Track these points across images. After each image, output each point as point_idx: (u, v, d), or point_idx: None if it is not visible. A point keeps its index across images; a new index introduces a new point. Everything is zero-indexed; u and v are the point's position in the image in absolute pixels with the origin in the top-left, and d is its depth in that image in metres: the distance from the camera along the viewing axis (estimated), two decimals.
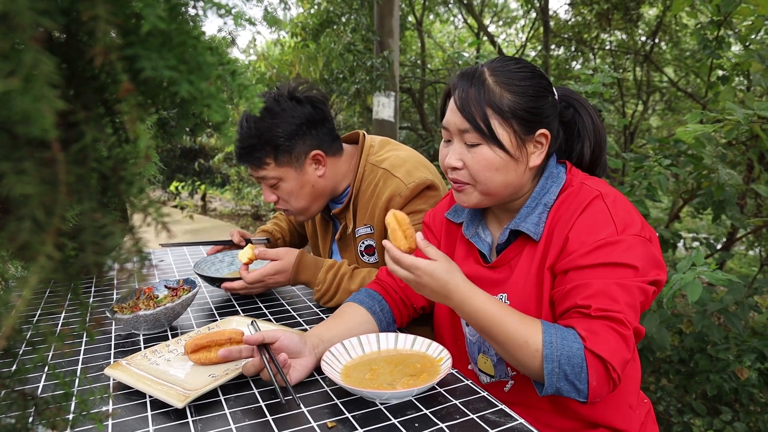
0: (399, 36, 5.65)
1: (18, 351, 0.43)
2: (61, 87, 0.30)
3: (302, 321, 1.25)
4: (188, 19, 0.38)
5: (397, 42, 5.29)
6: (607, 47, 6.99)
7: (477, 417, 0.82)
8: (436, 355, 0.97)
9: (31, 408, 0.44)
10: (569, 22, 6.94)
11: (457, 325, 1.11)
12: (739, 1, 2.13)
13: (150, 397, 0.89)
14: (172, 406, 0.85)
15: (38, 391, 0.92)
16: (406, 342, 1.02)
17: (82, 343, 1.12)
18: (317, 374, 0.97)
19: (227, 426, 0.80)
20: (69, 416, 0.47)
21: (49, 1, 0.31)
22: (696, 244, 2.86)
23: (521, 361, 0.85)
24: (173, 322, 1.22)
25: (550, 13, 7.04)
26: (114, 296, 1.45)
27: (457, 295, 0.88)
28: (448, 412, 0.83)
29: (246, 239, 1.65)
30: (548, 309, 0.94)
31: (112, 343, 1.13)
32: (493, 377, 1.06)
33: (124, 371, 0.93)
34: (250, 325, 1.04)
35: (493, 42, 7.86)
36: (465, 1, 7.49)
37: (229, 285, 1.35)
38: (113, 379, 0.93)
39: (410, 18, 8.18)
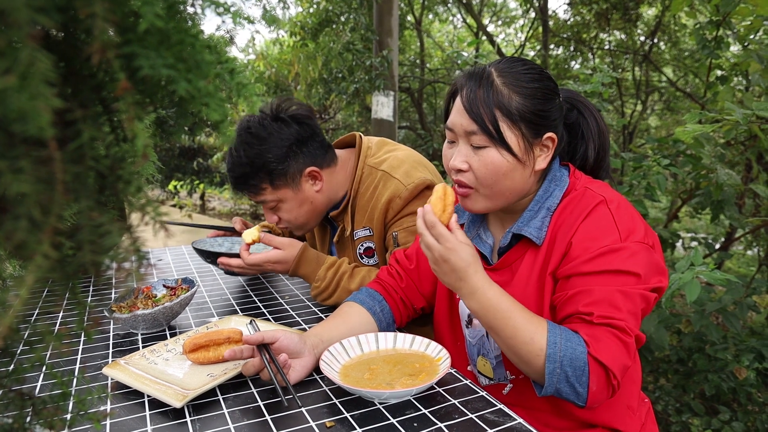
0: (398, 35, 5.65)
1: (15, 350, 0.43)
2: (58, 85, 0.30)
3: (301, 320, 1.25)
4: (186, 17, 0.38)
5: (396, 41, 5.29)
6: (606, 47, 6.99)
7: (476, 417, 0.81)
8: (435, 354, 0.97)
9: (29, 407, 0.44)
10: (568, 22, 6.94)
11: (457, 327, 1.11)
12: (737, 1, 2.13)
13: (148, 396, 0.88)
14: (170, 406, 0.85)
15: (36, 390, 0.92)
16: (404, 341, 1.02)
17: (80, 342, 1.11)
18: (316, 374, 0.97)
19: (225, 425, 0.80)
20: (67, 416, 0.46)
21: None
22: (694, 243, 2.87)
23: (524, 359, 0.85)
24: (171, 321, 1.22)
25: (549, 12, 7.05)
26: (112, 295, 1.45)
27: (474, 281, 0.88)
28: (446, 411, 0.83)
29: (248, 227, 1.65)
30: (549, 314, 0.94)
31: (111, 342, 1.13)
32: (492, 380, 1.06)
33: (122, 371, 0.92)
34: (249, 324, 1.04)
35: (492, 42, 7.86)
36: (464, 1, 7.49)
37: (226, 261, 1.35)
38: (111, 379, 0.93)
39: (409, 17, 8.18)
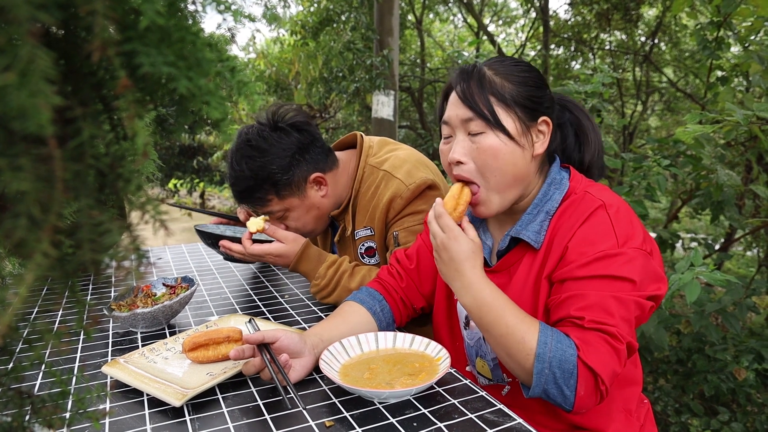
0: (399, 35, 5.64)
1: (14, 348, 0.43)
2: (58, 82, 0.30)
3: (300, 320, 1.25)
4: (187, 14, 0.38)
5: (396, 41, 5.29)
6: (607, 47, 6.99)
7: (475, 417, 0.81)
8: (435, 354, 0.97)
9: (28, 406, 0.44)
10: (569, 22, 6.94)
11: (456, 328, 1.11)
12: (738, 2, 2.13)
13: (147, 395, 0.88)
14: (169, 405, 0.85)
15: (35, 389, 0.92)
16: (404, 341, 1.02)
17: (79, 341, 1.11)
18: (315, 373, 0.97)
19: (225, 425, 0.80)
20: (66, 414, 0.46)
21: None
22: (694, 244, 2.87)
23: (513, 357, 0.85)
24: (171, 320, 1.22)
25: (550, 12, 7.05)
26: (112, 294, 1.45)
27: (470, 275, 0.89)
28: (446, 411, 0.83)
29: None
30: (543, 317, 0.94)
31: (110, 341, 1.13)
32: (491, 380, 1.06)
33: (121, 369, 0.92)
34: (248, 323, 1.04)
35: (492, 41, 7.86)
36: (465, 1, 7.49)
37: (228, 244, 1.35)
38: (110, 377, 0.93)
39: (410, 17, 8.17)
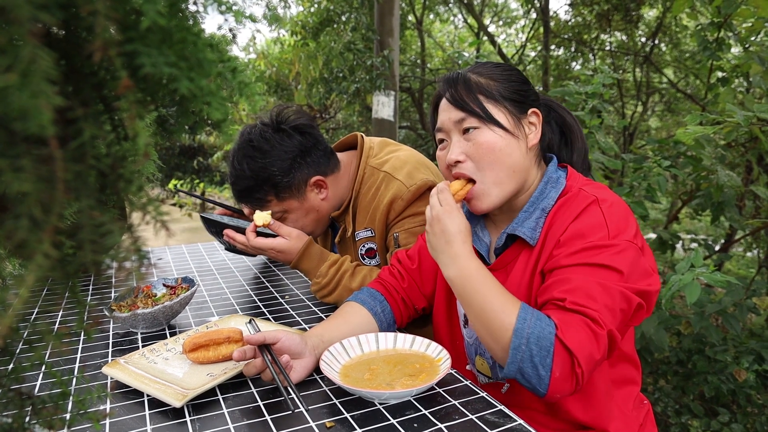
0: (399, 35, 5.64)
1: (15, 349, 0.43)
2: (60, 83, 0.30)
3: (301, 320, 1.25)
4: (188, 15, 0.38)
5: (397, 41, 5.29)
6: (607, 48, 6.99)
7: (476, 417, 0.81)
8: (436, 355, 0.97)
9: (28, 407, 0.44)
10: (569, 23, 6.94)
11: (455, 327, 1.11)
12: (739, 2, 2.13)
13: (148, 396, 0.88)
14: (170, 405, 0.84)
15: (35, 390, 0.92)
16: (405, 342, 1.02)
17: (79, 341, 1.11)
18: (316, 374, 0.97)
19: (225, 425, 0.80)
20: (66, 415, 0.46)
21: None
22: (694, 245, 2.87)
23: (492, 332, 0.84)
24: (171, 320, 1.22)
25: (551, 13, 7.04)
26: (112, 294, 1.45)
27: (458, 248, 0.90)
28: (447, 412, 0.83)
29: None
30: None
31: (110, 341, 1.13)
32: (491, 378, 1.06)
33: (121, 370, 0.92)
34: (248, 323, 1.04)
35: (493, 42, 7.86)
36: (465, 1, 7.49)
37: (231, 234, 1.35)
38: (111, 378, 0.93)
39: (410, 17, 8.17)
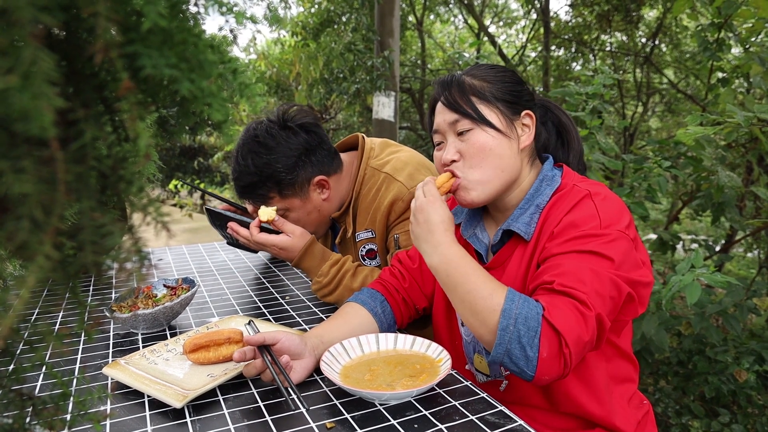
0: (399, 36, 5.64)
1: (16, 350, 0.43)
2: (61, 84, 0.30)
3: (301, 321, 1.25)
4: (189, 16, 0.38)
5: (397, 42, 5.29)
6: (608, 48, 6.99)
7: (476, 418, 0.81)
8: (436, 355, 0.97)
9: (29, 408, 0.44)
10: (570, 23, 6.94)
11: (454, 326, 1.11)
12: (739, 3, 2.13)
13: (148, 396, 0.88)
14: (170, 406, 0.84)
15: (36, 390, 0.92)
16: (405, 342, 1.02)
17: (80, 342, 1.11)
18: (316, 375, 0.97)
19: (226, 426, 0.80)
20: (67, 416, 0.46)
21: None
22: (695, 245, 2.87)
23: (479, 314, 0.83)
24: (172, 321, 1.22)
25: (551, 14, 7.05)
26: (113, 295, 1.45)
27: (441, 236, 0.91)
28: (447, 413, 0.83)
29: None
30: None
31: (111, 342, 1.13)
32: (489, 376, 1.07)
33: (122, 371, 0.92)
34: (248, 324, 1.04)
35: (493, 42, 7.86)
36: (465, 2, 7.49)
37: (236, 227, 1.36)
38: (111, 379, 0.93)
39: (411, 18, 8.18)
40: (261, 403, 0.86)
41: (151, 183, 1.71)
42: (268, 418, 0.82)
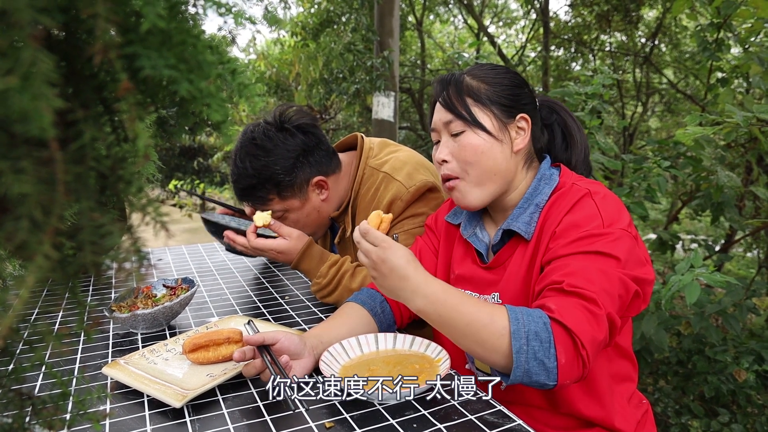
0: (399, 36, 5.64)
1: (15, 350, 0.43)
2: (60, 85, 0.30)
3: (300, 321, 1.25)
4: (188, 17, 0.38)
5: (397, 42, 5.29)
6: (607, 49, 6.99)
7: (475, 418, 0.81)
8: (435, 355, 0.97)
9: (28, 407, 0.44)
10: (569, 24, 6.94)
11: None
12: (738, 3, 2.13)
13: (148, 396, 0.88)
14: (169, 406, 0.85)
15: (35, 390, 0.92)
16: (404, 342, 1.02)
17: (79, 342, 1.11)
18: (315, 374, 0.97)
19: (225, 426, 0.80)
20: (66, 416, 0.46)
21: None
22: (694, 245, 2.87)
23: (486, 344, 0.80)
24: (171, 321, 1.22)
25: (550, 14, 7.04)
26: (112, 295, 1.45)
27: (416, 277, 0.84)
28: (446, 412, 0.83)
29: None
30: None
31: (110, 342, 1.13)
32: (490, 375, 1.07)
33: (121, 370, 0.92)
34: (247, 324, 1.04)
35: (493, 42, 7.86)
36: (465, 2, 7.49)
37: (232, 236, 1.35)
38: (111, 379, 0.93)
39: (410, 18, 8.17)
40: (260, 403, 0.86)
41: (151, 183, 1.72)
42: (267, 417, 0.82)
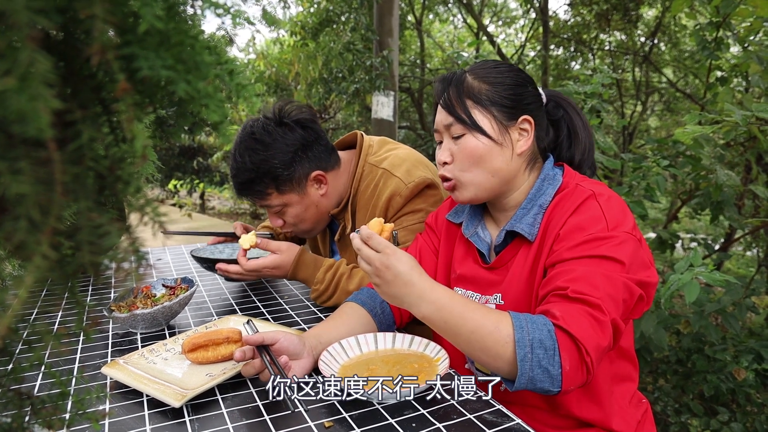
0: (398, 35, 5.64)
1: (14, 350, 0.43)
2: (58, 86, 0.30)
3: (300, 321, 1.25)
4: (186, 18, 0.38)
5: (396, 41, 5.29)
6: (606, 48, 6.99)
7: (474, 417, 0.82)
8: (434, 354, 0.97)
9: (28, 407, 0.44)
10: (568, 23, 6.94)
11: None
12: (738, 2, 2.13)
13: (147, 396, 0.88)
14: (169, 406, 0.85)
15: (35, 390, 0.92)
16: (403, 342, 1.02)
17: (78, 342, 1.12)
18: (314, 374, 0.97)
19: (224, 425, 0.80)
20: (65, 415, 0.47)
21: (46, 0, 0.31)
22: (694, 244, 2.86)
23: (491, 351, 0.80)
24: (171, 321, 1.22)
25: (550, 13, 7.04)
26: (111, 295, 1.45)
27: (421, 283, 0.84)
28: (445, 412, 0.83)
29: (249, 231, 1.64)
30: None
31: (110, 342, 1.13)
32: (489, 375, 1.07)
33: (121, 370, 0.93)
34: (246, 324, 1.04)
35: (492, 42, 7.86)
36: (464, 1, 7.49)
37: (224, 267, 1.34)
38: (110, 378, 0.93)
39: (410, 17, 8.17)
40: (259, 403, 0.87)
41: (150, 183, 1.72)
42: (266, 417, 0.82)
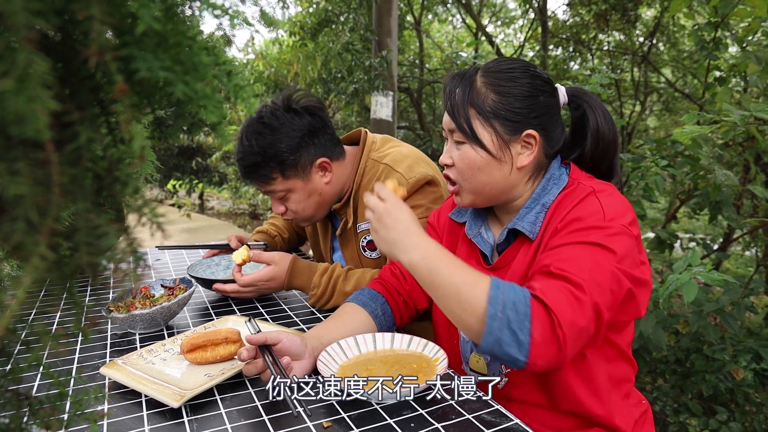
0: (397, 36, 5.64)
1: (12, 350, 0.43)
2: (56, 87, 0.30)
3: (299, 321, 1.25)
4: (184, 19, 0.38)
5: (395, 42, 5.29)
6: (605, 48, 6.99)
7: (473, 417, 0.82)
8: (433, 355, 0.97)
9: (26, 408, 0.44)
10: (567, 23, 6.94)
11: (452, 325, 1.11)
12: (736, 2, 2.13)
13: (145, 396, 0.88)
14: (167, 406, 0.85)
15: (33, 390, 0.92)
16: (402, 342, 1.02)
17: (77, 342, 1.11)
18: (313, 374, 0.97)
19: (223, 426, 0.80)
20: (64, 416, 0.47)
21: (44, 2, 0.31)
22: (692, 244, 2.87)
23: (464, 303, 0.80)
24: (169, 321, 1.22)
25: (549, 13, 7.05)
26: (110, 295, 1.45)
27: (417, 235, 0.87)
28: (444, 412, 0.83)
29: (243, 243, 1.65)
30: None
31: (108, 342, 1.13)
32: (486, 377, 1.07)
33: (119, 370, 0.93)
34: (248, 322, 1.04)
35: (491, 42, 7.86)
36: (463, 1, 7.49)
37: (221, 287, 1.34)
38: (109, 379, 0.93)
39: (409, 18, 8.17)
40: (258, 403, 0.87)
41: (149, 183, 1.72)
42: (265, 417, 0.82)
